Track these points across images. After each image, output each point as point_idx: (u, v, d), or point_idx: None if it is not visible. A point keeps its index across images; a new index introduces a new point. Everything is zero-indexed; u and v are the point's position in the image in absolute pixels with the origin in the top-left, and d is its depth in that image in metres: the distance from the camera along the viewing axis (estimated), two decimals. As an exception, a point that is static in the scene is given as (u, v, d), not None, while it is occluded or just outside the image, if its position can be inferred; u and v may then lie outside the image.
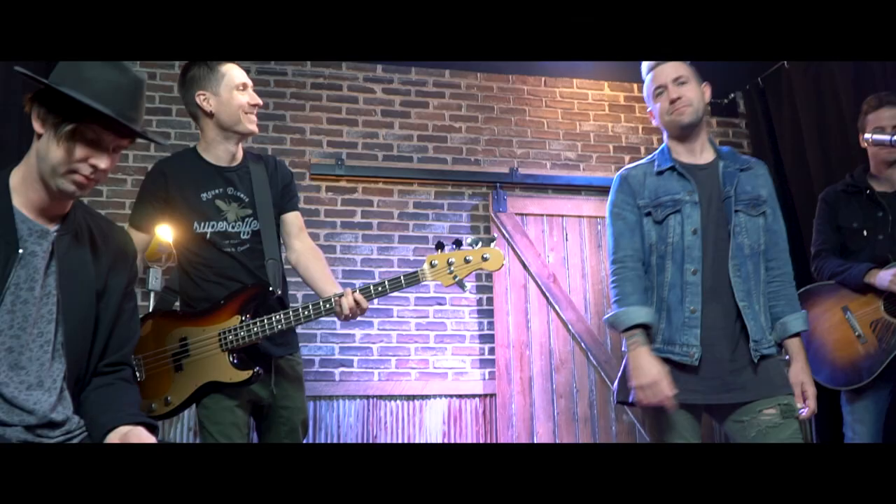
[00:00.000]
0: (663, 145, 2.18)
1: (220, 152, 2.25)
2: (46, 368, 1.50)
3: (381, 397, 3.77)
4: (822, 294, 2.69)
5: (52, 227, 1.55)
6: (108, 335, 1.61)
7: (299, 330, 3.69)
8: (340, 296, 2.13)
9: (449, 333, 3.93)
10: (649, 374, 1.92)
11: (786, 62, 4.01)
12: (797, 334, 2.05)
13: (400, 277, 2.14)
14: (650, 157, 2.20)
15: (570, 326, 3.97)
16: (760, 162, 2.18)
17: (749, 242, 2.03)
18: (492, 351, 3.92)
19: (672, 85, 2.08)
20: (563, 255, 4.10)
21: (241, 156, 2.31)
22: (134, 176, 3.76)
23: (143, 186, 2.27)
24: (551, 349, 3.97)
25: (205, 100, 2.21)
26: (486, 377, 3.89)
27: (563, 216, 4.15)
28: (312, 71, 4.09)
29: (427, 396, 3.81)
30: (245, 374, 2.13)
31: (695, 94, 2.09)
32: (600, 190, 4.12)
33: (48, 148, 1.46)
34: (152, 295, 3.47)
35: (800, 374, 2.01)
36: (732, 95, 4.55)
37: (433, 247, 3.89)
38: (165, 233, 3.21)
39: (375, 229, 3.97)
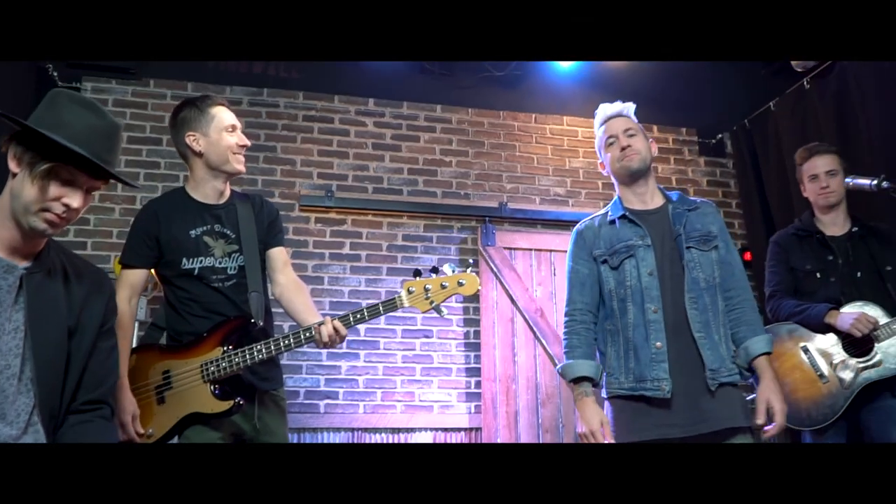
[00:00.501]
0: (616, 197, 2.34)
1: (208, 190, 2.31)
2: (10, 401, 1.50)
3: (366, 430, 3.74)
4: (782, 335, 2.71)
5: (22, 264, 1.57)
6: (81, 372, 1.61)
7: (285, 361, 3.69)
8: (320, 324, 2.16)
9: (435, 366, 3.92)
10: (591, 422, 2.05)
11: (772, 104, 4.08)
12: (763, 355, 2.11)
13: (378, 305, 2.20)
14: (605, 209, 2.35)
15: (556, 361, 3.97)
16: (708, 202, 2.34)
17: (704, 276, 2.14)
18: (478, 384, 3.91)
19: (622, 135, 2.27)
20: (550, 289, 4.11)
21: (229, 194, 2.38)
22: (122, 205, 3.76)
23: (135, 225, 2.32)
24: (538, 383, 3.96)
25: (194, 140, 2.27)
26: (472, 410, 3.88)
27: (551, 251, 4.18)
28: (304, 103, 4.13)
29: (412, 429, 3.79)
30: (226, 405, 2.15)
31: (643, 144, 2.27)
32: (588, 226, 4.15)
33: (22, 186, 1.50)
34: (136, 325, 3.44)
35: (766, 391, 2.06)
36: (720, 136, 4.62)
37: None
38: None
39: (364, 261, 3.98)
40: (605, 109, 2.39)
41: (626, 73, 4.41)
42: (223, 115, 2.31)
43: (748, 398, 2.17)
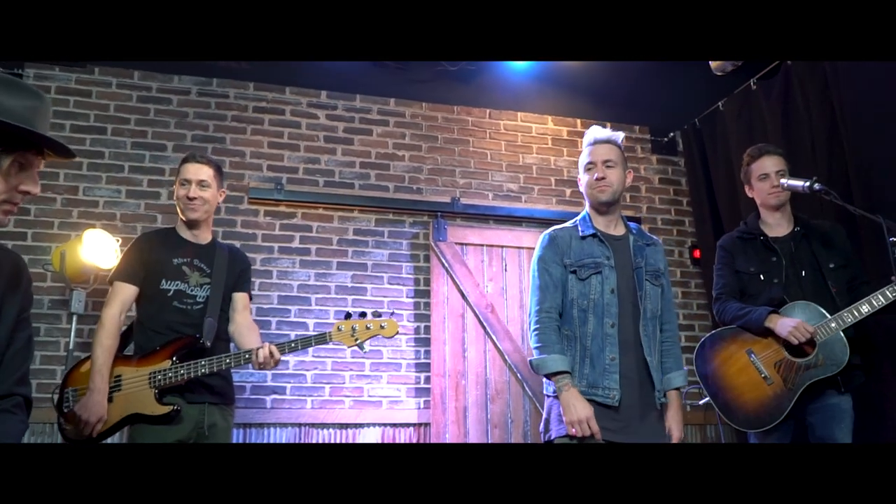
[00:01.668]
0: (585, 213, 2.52)
1: (186, 231, 2.73)
2: None
3: (313, 425, 3.71)
4: (727, 339, 2.75)
5: None
6: None
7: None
8: (258, 348, 2.53)
9: (385, 361, 3.90)
10: (582, 411, 2.20)
11: (721, 104, 4.14)
12: (677, 388, 2.42)
13: (311, 337, 2.63)
14: (572, 222, 2.53)
15: (506, 357, 3.99)
16: (658, 239, 2.57)
17: (651, 307, 2.39)
18: (427, 380, 3.91)
19: (601, 165, 2.43)
20: (501, 285, 4.12)
21: (210, 238, 2.77)
22: (64, 195, 3.67)
23: (132, 248, 2.68)
24: (487, 379, 3.97)
25: (174, 189, 2.73)
26: (421, 406, 3.87)
27: (502, 247, 4.18)
28: (255, 94, 4.07)
29: (361, 425, 3.77)
30: (165, 409, 2.45)
31: (617, 177, 2.43)
32: (541, 222, 4.18)
33: None
34: (75, 318, 3.37)
35: (670, 420, 2.35)
36: (672, 134, 4.67)
37: (370, 274, 3.90)
38: (92, 255, 3.15)
39: (313, 255, 3.94)
40: (594, 133, 2.50)
41: (581, 70, 4.43)
42: (181, 170, 2.69)
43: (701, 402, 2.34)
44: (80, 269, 3.24)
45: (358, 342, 2.60)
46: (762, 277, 2.75)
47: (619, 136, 2.51)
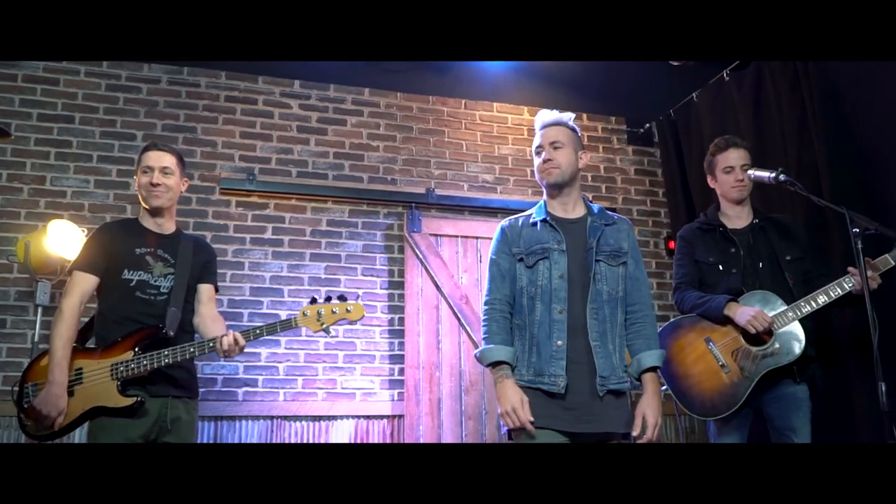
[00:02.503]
0: (543, 200, 2.44)
1: (149, 221, 2.68)
2: None
3: (285, 418, 3.69)
4: (686, 327, 2.77)
5: None
6: None
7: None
8: (223, 336, 2.50)
9: (358, 353, 3.89)
10: (512, 400, 2.15)
11: (695, 95, 4.14)
12: (651, 369, 2.27)
13: (276, 324, 2.57)
14: (531, 210, 2.45)
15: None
16: (625, 219, 2.44)
17: (608, 289, 2.27)
18: (401, 371, 3.89)
19: (548, 147, 2.36)
20: (476, 276, 4.11)
21: (174, 228, 2.73)
22: (31, 185, 3.62)
23: (93, 238, 2.63)
24: (462, 371, 3.96)
25: (135, 180, 2.68)
26: (395, 398, 3.86)
27: (477, 238, 4.17)
28: (227, 83, 4.02)
29: (334, 417, 3.75)
30: (128, 401, 2.40)
31: (566, 158, 2.35)
32: (516, 213, 4.14)
33: None
34: (40, 310, 3.32)
35: (643, 404, 2.20)
36: (648, 125, 4.67)
37: (344, 266, 3.88)
38: (57, 246, 3.10)
39: (286, 246, 3.91)
40: (542, 116, 2.44)
41: (557, 61, 4.41)
42: (142, 158, 2.65)
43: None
44: (44, 261, 3.19)
45: (324, 326, 2.57)
46: (721, 268, 2.78)
47: (568, 116, 2.44)
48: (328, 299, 2.62)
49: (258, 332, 2.56)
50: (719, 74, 3.90)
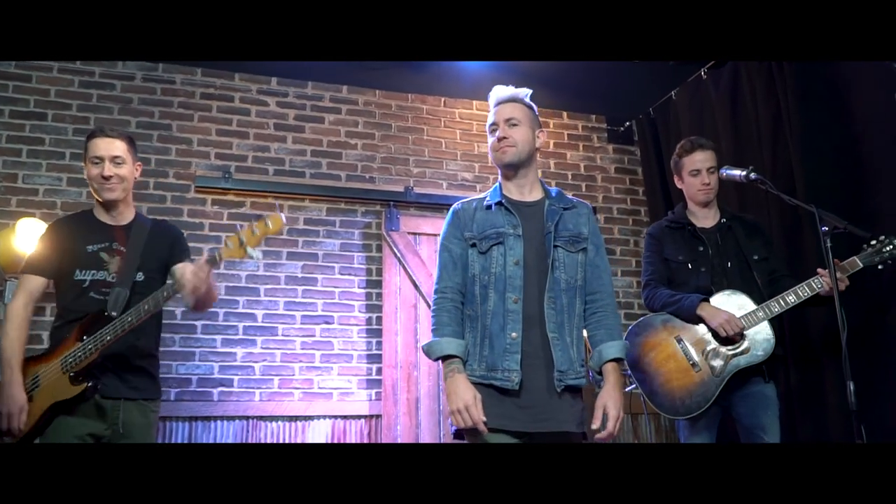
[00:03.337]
0: (498, 183, 2.26)
1: (103, 213, 2.53)
2: None
3: (261, 418, 3.66)
4: (656, 325, 2.76)
5: None
6: None
7: (177, 348, 3.59)
8: (175, 269, 2.43)
9: (336, 353, 3.86)
10: (462, 399, 1.96)
11: (674, 93, 4.13)
12: (614, 360, 2.08)
13: (215, 255, 2.36)
14: (485, 193, 2.28)
15: (459, 347, 3.96)
16: (585, 203, 2.27)
17: (566, 277, 2.10)
18: (379, 371, 3.87)
19: (503, 124, 2.19)
20: (455, 275, 4.09)
21: (132, 216, 2.57)
22: (2, 183, 3.56)
23: (44, 236, 2.51)
24: (440, 370, 3.94)
25: (84, 169, 2.54)
26: (373, 398, 3.84)
27: (456, 237, 4.14)
28: (203, 80, 3.98)
29: (310, 417, 3.73)
30: (79, 388, 2.30)
31: (522, 136, 2.17)
32: (495, 211, 4.14)
33: None
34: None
35: (605, 397, 2.02)
36: (629, 123, 4.66)
37: (321, 264, 3.84)
38: (26, 244, 3.06)
39: (263, 245, 3.86)
40: (496, 92, 2.28)
41: (537, 58, 4.39)
42: (90, 147, 2.48)
43: (628, 389, 2.16)
44: (13, 259, 3.15)
45: (249, 251, 2.37)
46: (689, 266, 2.77)
47: (525, 92, 2.26)
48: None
49: (216, 256, 2.34)
50: (697, 73, 3.90)
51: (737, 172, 2.63)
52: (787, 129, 3.18)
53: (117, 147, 2.47)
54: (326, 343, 3.86)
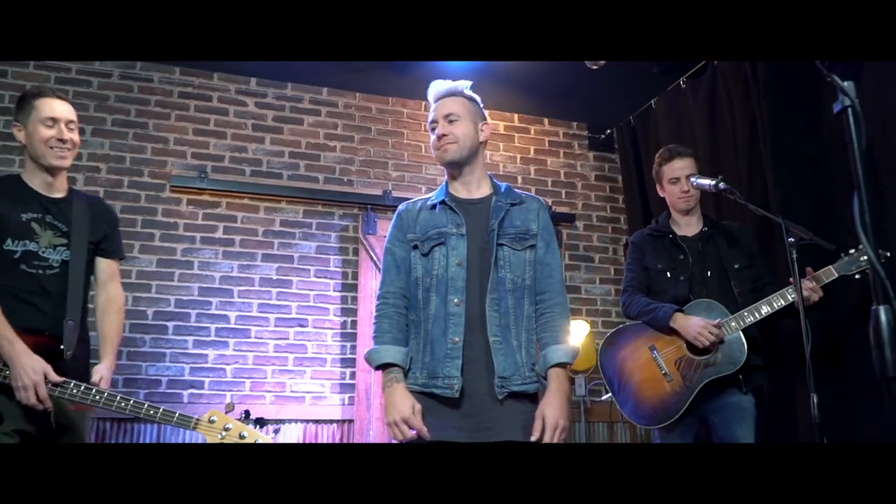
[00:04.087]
0: (444, 181, 2.19)
1: (38, 181, 2.35)
2: None
3: (232, 421, 3.62)
4: (631, 334, 2.75)
5: None
6: None
7: (147, 349, 3.55)
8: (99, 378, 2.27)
9: (309, 356, 3.83)
10: (400, 410, 1.88)
11: (653, 102, 4.13)
12: (558, 365, 1.96)
13: (175, 414, 2.26)
14: (433, 192, 2.21)
15: (434, 353, 3.93)
16: (534, 197, 2.17)
17: (511, 276, 2.00)
18: (353, 375, 3.84)
19: (443, 121, 2.09)
20: (431, 280, 4.07)
21: (66, 189, 2.40)
22: (-29, 178, 3.52)
23: None
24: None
25: (18, 130, 2.35)
26: (346, 402, 3.81)
27: (434, 241, 4.13)
28: (181, 79, 3.95)
29: (282, 421, 3.69)
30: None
31: (463, 131, 2.07)
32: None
33: None
34: None
35: (543, 404, 1.93)
36: (609, 131, 4.66)
37: (297, 267, 3.80)
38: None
39: (237, 246, 3.84)
40: (435, 88, 2.17)
41: (518, 65, 4.36)
42: (43, 107, 2.31)
43: (604, 398, 2.10)
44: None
45: (222, 439, 2.26)
46: (669, 274, 2.76)
47: (465, 84, 2.15)
48: (246, 414, 2.33)
49: (139, 411, 2.21)
50: (676, 82, 3.90)
51: (706, 182, 2.63)
52: (761, 139, 3.18)
53: (71, 111, 2.35)
54: (300, 346, 3.83)
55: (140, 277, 3.65)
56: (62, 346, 2.21)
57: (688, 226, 2.84)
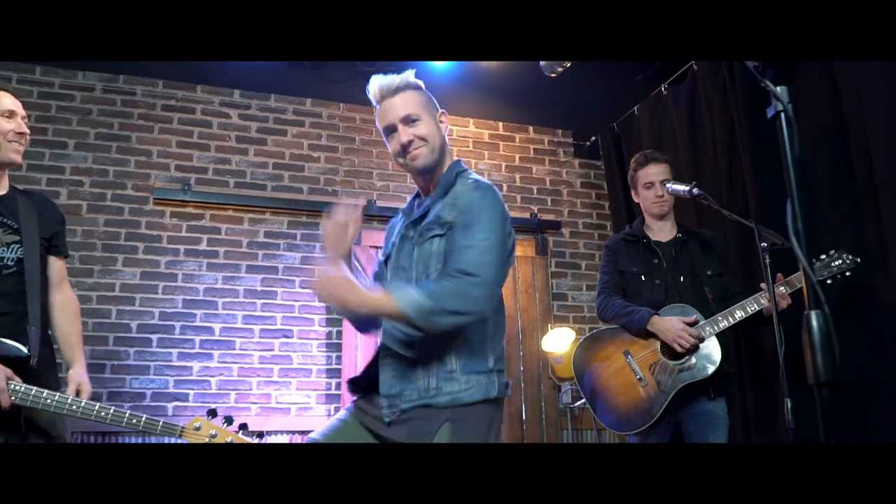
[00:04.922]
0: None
1: None
2: None
3: (217, 433, 3.61)
4: (606, 339, 2.76)
5: None
6: None
7: (130, 361, 3.54)
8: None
9: (294, 367, 3.82)
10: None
11: (636, 108, 4.14)
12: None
13: (159, 423, 2.20)
14: None
15: (420, 362, 3.93)
16: (476, 180, 1.83)
17: (406, 277, 1.77)
18: (339, 386, 3.84)
19: (402, 126, 1.80)
20: (417, 289, 4.06)
21: (7, 186, 2.30)
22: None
23: None
24: (400, 385, 3.91)
25: None
26: (332, 413, 3.80)
27: (419, 250, 4.13)
28: (164, 92, 3.96)
29: (267, 432, 3.68)
30: None
31: (428, 130, 1.82)
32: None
33: None
34: None
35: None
36: (594, 138, 4.67)
37: (281, 278, 3.79)
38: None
39: (221, 258, 3.84)
40: (377, 84, 1.85)
41: (503, 72, 4.40)
42: (2, 100, 2.23)
43: (578, 403, 2.04)
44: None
45: (208, 441, 2.21)
46: (643, 278, 2.77)
47: (409, 75, 1.86)
48: (228, 420, 2.27)
49: (113, 417, 2.13)
50: (658, 88, 3.91)
51: (681, 188, 2.63)
52: (739, 145, 3.19)
53: (19, 105, 2.27)
54: (285, 357, 3.82)
55: (124, 290, 3.64)
56: (27, 352, 2.12)
57: (662, 231, 2.85)
